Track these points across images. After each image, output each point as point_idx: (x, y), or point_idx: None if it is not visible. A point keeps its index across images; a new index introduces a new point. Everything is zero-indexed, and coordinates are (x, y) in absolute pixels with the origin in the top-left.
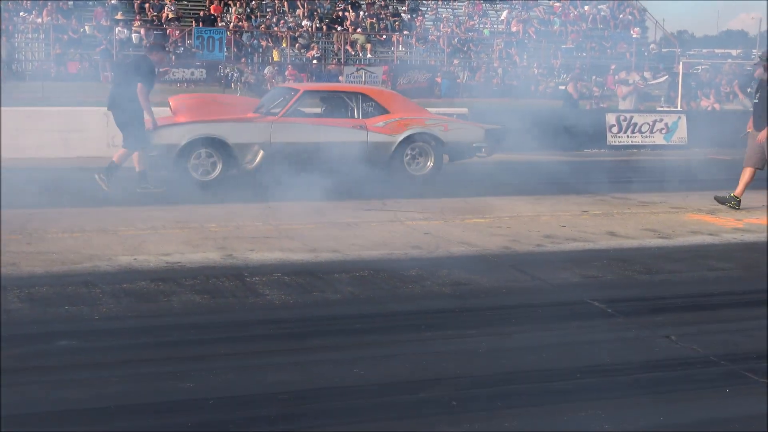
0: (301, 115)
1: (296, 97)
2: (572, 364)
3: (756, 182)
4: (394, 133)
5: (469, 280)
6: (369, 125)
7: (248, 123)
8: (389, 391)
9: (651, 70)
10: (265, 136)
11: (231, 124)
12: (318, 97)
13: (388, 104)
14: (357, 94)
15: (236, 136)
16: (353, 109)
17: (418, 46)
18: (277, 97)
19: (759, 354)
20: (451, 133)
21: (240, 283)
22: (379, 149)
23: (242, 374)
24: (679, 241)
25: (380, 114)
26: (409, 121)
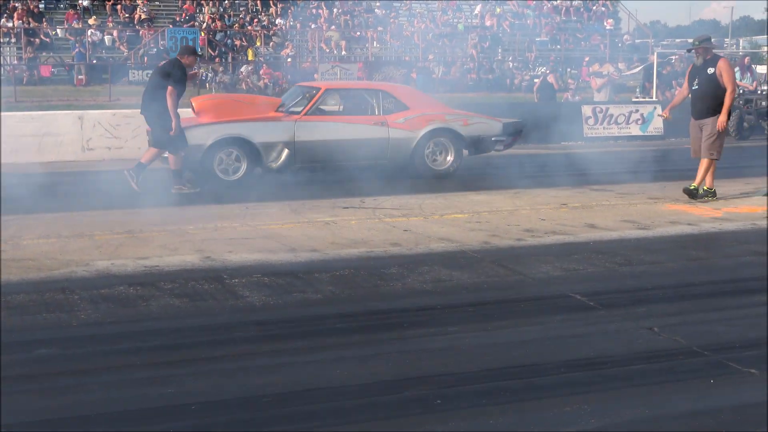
0: (321, 114)
1: (318, 95)
2: (556, 359)
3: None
4: (415, 129)
5: (450, 277)
6: (390, 122)
7: (272, 122)
8: (373, 391)
9: (625, 61)
10: (289, 134)
11: (255, 123)
12: (339, 95)
13: (408, 100)
14: (377, 91)
15: (261, 136)
16: (374, 106)
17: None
18: (298, 96)
19: (742, 344)
20: (470, 127)
21: (219, 286)
22: (401, 145)
23: (224, 378)
24: (658, 232)
25: (400, 110)
26: (430, 116)
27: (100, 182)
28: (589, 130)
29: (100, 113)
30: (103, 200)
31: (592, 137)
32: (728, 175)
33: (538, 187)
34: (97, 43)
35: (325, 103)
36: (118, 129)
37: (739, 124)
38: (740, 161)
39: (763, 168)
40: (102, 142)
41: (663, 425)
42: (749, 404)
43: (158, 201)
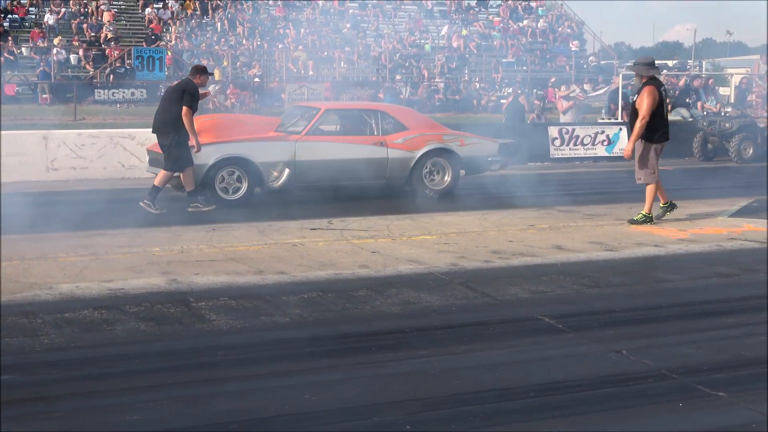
0: (321, 134)
1: (318, 115)
2: (525, 382)
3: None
4: (413, 149)
5: (418, 299)
6: (389, 142)
7: (273, 142)
8: (342, 416)
9: (590, 82)
10: (289, 154)
11: (256, 143)
12: (338, 115)
13: (407, 121)
14: (376, 111)
15: (262, 155)
16: (372, 127)
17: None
18: (298, 116)
19: (710, 366)
20: (467, 148)
21: (186, 309)
22: (399, 165)
23: (191, 404)
24: (625, 254)
25: (399, 131)
26: (428, 137)
27: (64, 203)
28: (555, 151)
29: (65, 133)
30: (67, 222)
31: (559, 158)
32: (693, 196)
33: (506, 209)
34: (63, 62)
35: (325, 123)
36: (84, 149)
37: (703, 145)
38: (705, 182)
39: (727, 189)
40: (67, 162)
41: None
42: (717, 428)
43: (124, 222)
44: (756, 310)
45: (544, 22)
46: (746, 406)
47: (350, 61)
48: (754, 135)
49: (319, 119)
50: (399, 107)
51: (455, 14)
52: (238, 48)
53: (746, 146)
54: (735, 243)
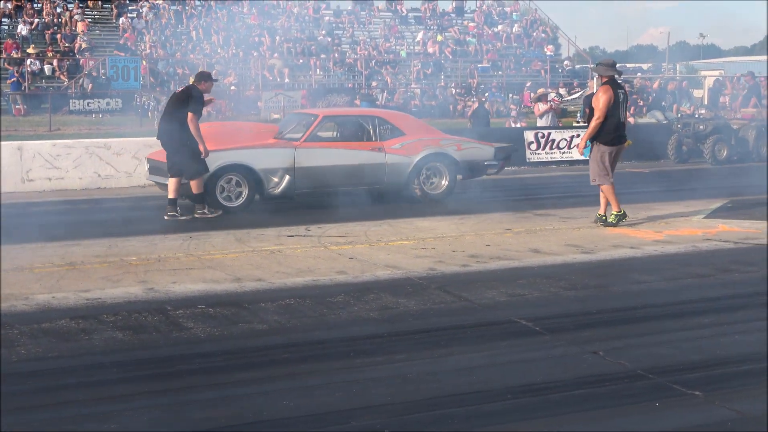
0: (320, 140)
1: (316, 122)
2: (503, 385)
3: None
4: (410, 154)
5: (396, 304)
6: (386, 147)
7: (273, 149)
8: (320, 422)
9: (566, 87)
10: (289, 161)
11: (257, 150)
12: (336, 122)
13: (404, 126)
14: (374, 117)
15: (262, 162)
16: (370, 132)
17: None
18: (296, 123)
19: (685, 366)
20: (464, 152)
21: (163, 318)
22: (397, 170)
23: (168, 412)
24: (601, 256)
25: (396, 136)
26: (425, 142)
27: (40, 214)
28: (531, 155)
29: (40, 144)
30: (42, 232)
31: (535, 162)
32: (668, 198)
33: (483, 213)
34: (37, 73)
35: (323, 130)
36: (59, 159)
37: (677, 147)
38: (680, 184)
39: (702, 191)
40: (42, 173)
41: None
42: (693, 426)
43: (100, 232)
44: (730, 309)
45: (519, 27)
46: (721, 404)
47: (326, 68)
48: (728, 136)
49: (317, 126)
50: (396, 113)
51: (430, 20)
52: (214, 56)
53: (720, 148)
54: (710, 244)
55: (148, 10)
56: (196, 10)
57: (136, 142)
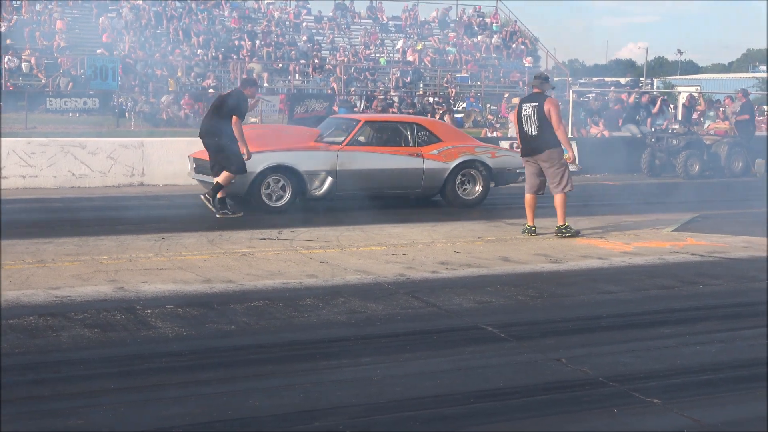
0: (361, 144)
1: (358, 126)
2: (466, 389)
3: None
4: (447, 160)
5: (364, 308)
6: (424, 153)
7: (316, 152)
8: (285, 422)
9: None
10: (332, 163)
11: (301, 152)
12: (376, 127)
13: (441, 133)
14: (412, 124)
15: (306, 164)
16: (408, 138)
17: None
18: (337, 127)
19: (646, 374)
20: (497, 159)
21: (132, 316)
22: (434, 175)
23: (134, 409)
24: (570, 266)
25: (433, 142)
26: (461, 149)
27: (12, 211)
28: None
29: (15, 141)
30: (14, 230)
31: None
32: (639, 210)
33: (455, 221)
34: (14, 70)
35: (364, 135)
36: (34, 157)
37: (651, 161)
38: (651, 197)
39: (672, 204)
40: (16, 171)
41: None
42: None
43: (72, 231)
44: (693, 321)
45: (499, 38)
46: (678, 412)
47: (305, 74)
48: (701, 152)
49: (359, 130)
50: (433, 120)
51: (410, 28)
52: (193, 58)
53: (692, 163)
54: (677, 256)
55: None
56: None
57: (112, 142)
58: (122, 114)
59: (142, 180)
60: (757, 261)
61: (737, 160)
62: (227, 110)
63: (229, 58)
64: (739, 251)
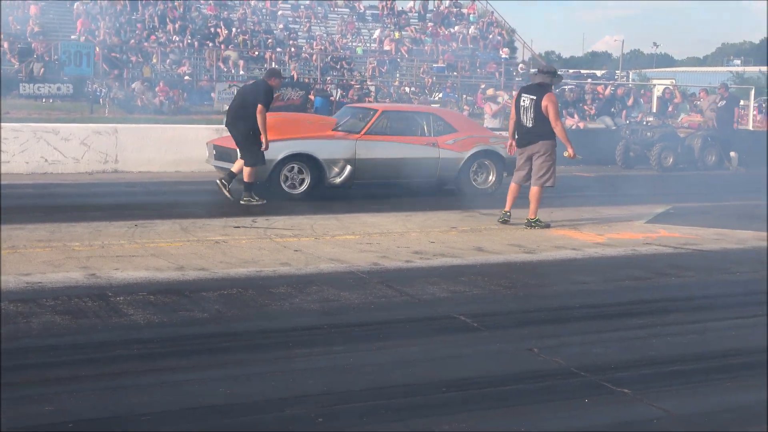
0: (379, 133)
1: (376, 116)
2: (438, 378)
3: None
4: (462, 150)
5: (337, 297)
6: (440, 143)
7: (335, 140)
8: (255, 410)
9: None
10: (350, 152)
11: (320, 141)
12: (394, 117)
13: (456, 123)
14: (428, 114)
15: (325, 152)
16: (424, 128)
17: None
18: (353, 116)
19: (617, 365)
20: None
21: (104, 303)
22: (449, 165)
23: (105, 396)
24: (543, 256)
25: (449, 132)
26: (476, 139)
27: None
28: None
29: None
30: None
31: None
32: (613, 202)
33: (430, 210)
34: None
35: (382, 124)
36: (6, 143)
37: (625, 153)
38: (625, 189)
39: (646, 196)
40: None
41: None
42: (620, 422)
43: (44, 217)
44: (664, 312)
45: (476, 29)
46: (649, 402)
47: (281, 62)
48: (675, 144)
49: (377, 120)
50: (448, 111)
51: (387, 18)
52: (168, 45)
53: (666, 155)
54: (650, 248)
55: None
56: None
57: (86, 128)
58: (96, 100)
59: (115, 167)
60: (728, 253)
61: (711, 153)
62: (252, 100)
63: (204, 45)
64: (711, 243)
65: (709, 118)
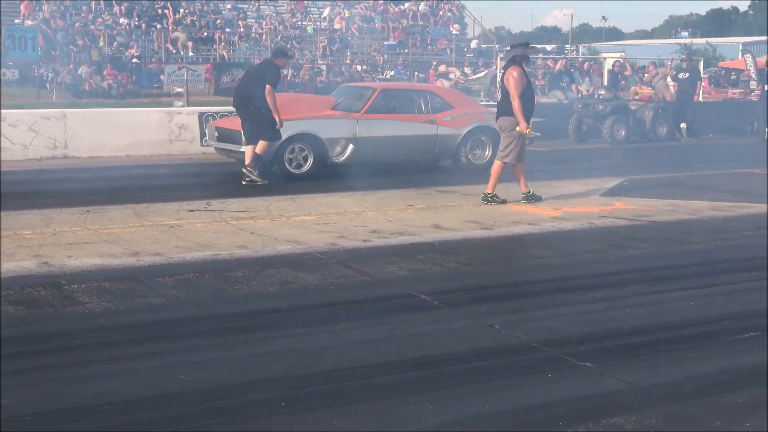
0: (379, 112)
1: (375, 95)
2: (400, 358)
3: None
4: (459, 126)
5: (296, 279)
6: (438, 120)
7: (336, 119)
8: (217, 395)
9: (471, 66)
10: (352, 131)
11: (322, 120)
12: (392, 95)
13: (452, 100)
14: (425, 91)
15: (328, 132)
16: (422, 106)
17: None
18: (351, 95)
19: (578, 338)
20: None
21: (57, 292)
22: (447, 141)
23: (60, 387)
24: (501, 232)
25: (446, 110)
26: (472, 115)
27: None
28: None
29: None
30: None
31: None
32: (568, 176)
33: (386, 189)
34: None
35: (380, 103)
36: None
37: (578, 127)
38: (579, 163)
39: (600, 170)
40: None
41: (501, 420)
42: (582, 396)
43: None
44: (621, 284)
45: (425, 6)
46: (611, 375)
47: (231, 42)
48: (626, 117)
49: (376, 98)
50: (445, 88)
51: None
52: (115, 28)
53: (619, 128)
54: (605, 221)
55: None
56: None
57: (33, 113)
58: (43, 85)
59: (65, 152)
60: (683, 224)
61: (661, 125)
62: (260, 80)
63: (152, 27)
64: (665, 215)
65: (659, 90)
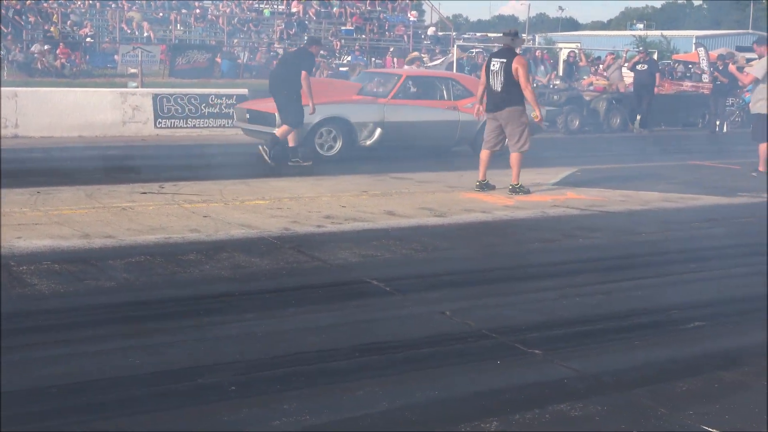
0: (404, 97)
1: (401, 81)
2: (350, 343)
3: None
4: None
5: (249, 263)
6: (459, 106)
7: (365, 104)
8: (166, 380)
9: (428, 53)
10: (379, 115)
11: (352, 104)
12: (417, 81)
13: (473, 87)
14: (448, 79)
15: (357, 116)
16: (444, 92)
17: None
18: (377, 81)
19: (528, 326)
20: None
21: (6, 274)
22: (468, 127)
23: (8, 369)
24: (454, 219)
25: (467, 97)
26: None
27: None
28: None
29: None
30: None
31: None
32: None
33: (340, 174)
34: None
35: (406, 88)
36: None
37: None
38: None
39: (553, 159)
40: None
41: (449, 405)
42: (530, 383)
43: None
44: (573, 273)
45: None
46: (559, 362)
47: (187, 24)
48: (580, 107)
49: (402, 84)
50: (465, 75)
51: None
52: (69, 6)
53: (573, 118)
54: (558, 210)
55: None
56: None
57: None
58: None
59: (15, 132)
60: (634, 214)
61: (615, 116)
62: (296, 67)
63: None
64: (616, 205)
65: (614, 82)
